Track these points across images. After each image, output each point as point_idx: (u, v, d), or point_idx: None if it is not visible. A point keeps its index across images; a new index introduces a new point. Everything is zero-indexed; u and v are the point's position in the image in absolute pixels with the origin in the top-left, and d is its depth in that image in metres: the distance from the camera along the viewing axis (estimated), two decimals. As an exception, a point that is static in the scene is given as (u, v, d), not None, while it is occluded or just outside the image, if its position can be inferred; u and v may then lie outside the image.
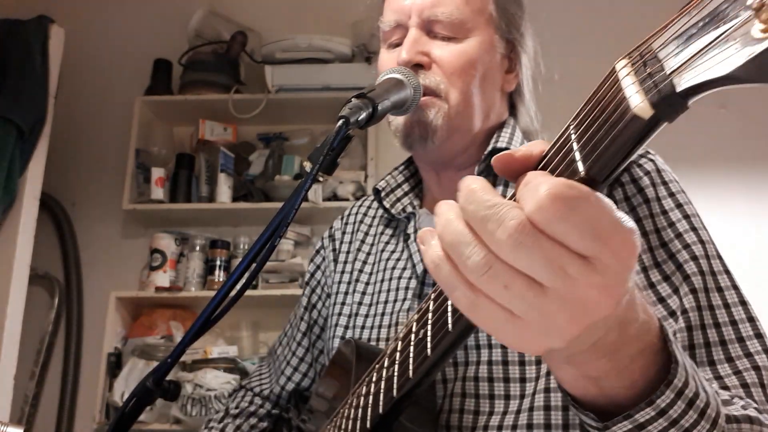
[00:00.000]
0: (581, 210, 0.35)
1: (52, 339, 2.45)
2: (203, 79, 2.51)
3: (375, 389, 0.62)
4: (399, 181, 0.99)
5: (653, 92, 0.35)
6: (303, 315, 1.06)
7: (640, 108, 0.35)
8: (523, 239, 0.35)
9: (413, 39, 0.85)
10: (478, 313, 0.39)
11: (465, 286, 0.38)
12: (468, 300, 0.38)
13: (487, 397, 0.74)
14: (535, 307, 0.36)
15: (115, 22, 2.80)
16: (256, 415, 1.04)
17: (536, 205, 0.35)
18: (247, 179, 2.51)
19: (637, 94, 0.35)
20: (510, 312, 0.37)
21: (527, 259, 0.36)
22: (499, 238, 0.36)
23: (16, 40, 2.21)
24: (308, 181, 0.64)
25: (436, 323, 0.51)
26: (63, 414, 2.37)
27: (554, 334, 0.38)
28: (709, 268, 0.71)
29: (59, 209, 2.57)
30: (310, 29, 2.51)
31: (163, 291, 2.35)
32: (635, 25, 2.86)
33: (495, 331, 0.39)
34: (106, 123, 2.68)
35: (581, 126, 0.39)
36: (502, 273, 0.37)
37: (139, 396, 0.66)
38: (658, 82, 0.35)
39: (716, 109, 2.56)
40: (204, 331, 0.64)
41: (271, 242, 0.62)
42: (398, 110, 0.79)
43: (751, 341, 0.67)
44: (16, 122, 2.09)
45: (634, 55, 0.37)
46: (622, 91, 0.36)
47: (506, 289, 0.37)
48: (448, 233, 0.39)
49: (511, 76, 0.92)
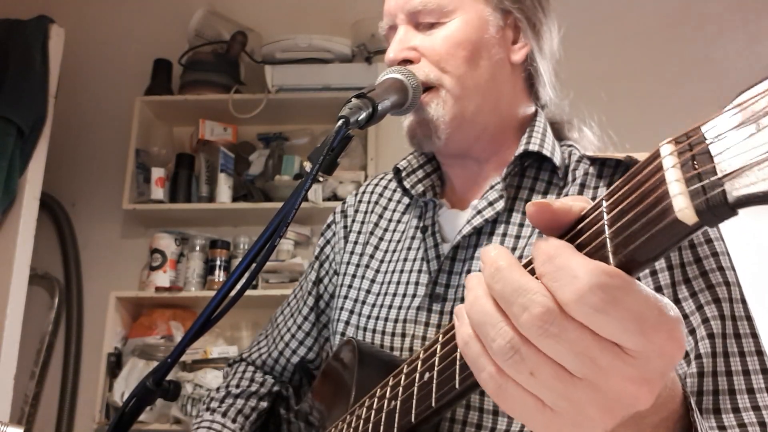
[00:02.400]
0: (624, 302, 0.33)
1: (52, 339, 2.45)
2: (203, 79, 2.52)
3: (375, 419, 0.62)
4: (421, 162, 0.96)
5: (701, 199, 0.30)
6: (311, 289, 1.04)
7: (683, 214, 0.31)
8: (550, 328, 0.33)
9: (398, 37, 0.85)
10: (506, 398, 0.37)
11: (493, 368, 0.37)
12: (495, 384, 0.37)
13: (491, 413, 0.73)
14: (564, 397, 0.34)
15: (115, 22, 2.80)
16: (257, 395, 1.03)
17: (574, 294, 0.33)
18: (247, 179, 2.51)
19: (682, 197, 0.31)
20: (539, 400, 0.35)
21: (554, 347, 0.34)
22: (524, 322, 0.34)
23: (16, 40, 2.21)
24: (308, 181, 0.64)
25: (443, 372, 0.49)
26: (63, 414, 2.37)
27: (587, 427, 0.36)
28: (731, 313, 0.68)
29: (59, 209, 2.57)
30: (310, 29, 2.51)
31: (163, 291, 2.35)
32: (630, 25, 2.85)
33: (522, 418, 0.37)
34: (106, 123, 2.68)
35: (616, 208, 0.36)
36: (528, 358, 0.35)
37: (139, 396, 0.66)
38: (708, 187, 0.30)
39: (716, 109, 2.56)
40: (204, 331, 0.64)
41: (271, 242, 0.62)
42: (398, 110, 0.79)
43: (761, 394, 0.65)
44: (16, 122, 2.09)
45: (682, 142, 0.33)
46: (666, 187, 0.32)
47: (533, 376, 0.35)
48: (475, 312, 0.38)
49: (518, 46, 0.88)
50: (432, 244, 0.87)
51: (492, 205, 0.83)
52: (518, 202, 0.84)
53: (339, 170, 0.67)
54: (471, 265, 0.82)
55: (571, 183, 0.83)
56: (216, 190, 2.43)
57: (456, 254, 0.83)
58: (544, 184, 0.85)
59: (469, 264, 0.82)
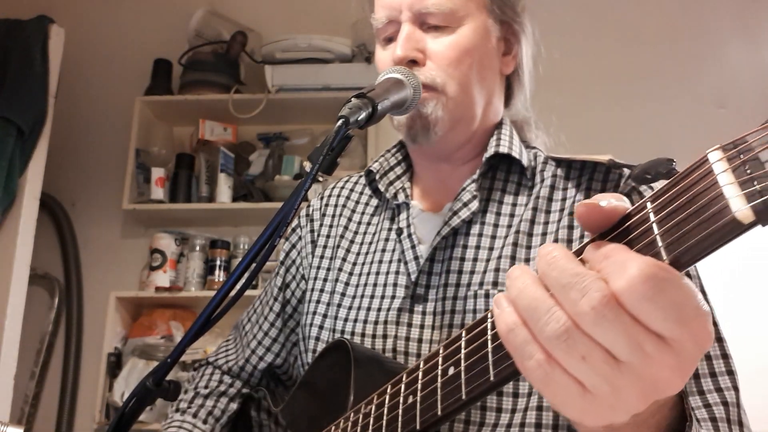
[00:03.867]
0: (670, 293, 0.35)
1: (52, 339, 2.45)
2: (203, 79, 2.52)
3: (390, 415, 0.62)
4: (392, 163, 0.97)
5: (757, 199, 0.33)
6: (277, 295, 1.03)
7: (742, 213, 0.34)
8: (607, 313, 0.35)
9: (406, 35, 0.84)
10: (550, 384, 0.38)
11: (542, 354, 0.38)
12: (543, 371, 0.38)
13: (479, 408, 0.74)
14: (608, 381, 0.37)
15: (115, 22, 2.80)
16: (226, 395, 1.02)
17: (627, 282, 0.35)
18: (247, 179, 2.51)
19: (738, 198, 0.34)
20: (582, 386, 0.37)
21: (608, 332, 0.36)
22: (581, 308, 0.36)
23: (16, 40, 2.21)
24: (308, 181, 0.64)
25: (473, 367, 0.50)
26: (63, 414, 2.37)
27: (621, 409, 0.38)
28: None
29: (59, 209, 2.57)
30: (310, 29, 2.51)
31: (163, 291, 2.35)
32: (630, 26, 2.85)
33: (562, 404, 0.39)
34: (106, 123, 2.68)
35: (664, 210, 0.38)
36: (581, 343, 0.37)
37: (139, 396, 0.66)
38: (763, 188, 0.33)
39: (716, 109, 2.56)
40: (204, 331, 0.64)
41: (271, 242, 0.62)
42: (398, 110, 0.79)
43: (723, 377, 0.69)
44: (16, 122, 2.09)
45: (730, 150, 0.36)
46: (721, 190, 0.35)
47: (583, 360, 0.37)
48: (524, 297, 0.39)
49: (509, 58, 0.91)
50: (409, 246, 0.87)
51: (467, 205, 0.84)
52: (491, 203, 0.86)
53: (339, 170, 0.67)
54: (450, 265, 0.83)
55: (540, 184, 0.85)
56: (216, 190, 2.43)
57: (435, 255, 0.84)
58: (515, 185, 0.87)
59: (448, 264, 0.83)
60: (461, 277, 0.81)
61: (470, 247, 0.83)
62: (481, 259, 0.82)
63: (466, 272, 0.81)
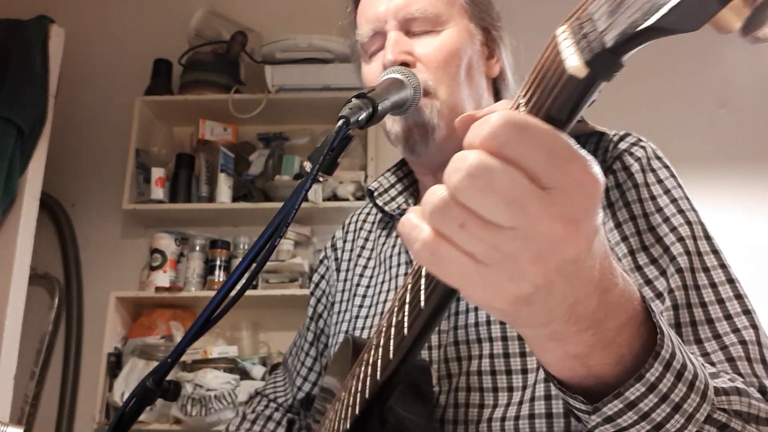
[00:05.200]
0: (535, 132, 0.35)
1: (52, 339, 2.45)
2: (203, 79, 2.51)
3: (363, 376, 0.63)
4: (392, 181, 1.00)
5: (586, 51, 0.36)
6: (309, 325, 1.08)
7: (575, 68, 0.36)
8: (474, 171, 0.35)
9: (395, 40, 0.85)
10: (440, 262, 0.38)
11: (425, 233, 0.38)
12: (428, 251, 0.38)
13: (491, 390, 0.75)
14: (495, 245, 0.36)
15: (115, 22, 2.80)
16: (272, 420, 1.06)
17: (490, 130, 0.35)
18: (247, 179, 2.51)
19: (573, 56, 0.36)
20: (473, 257, 0.36)
21: (481, 191, 0.35)
22: (456, 177, 0.36)
23: (16, 40, 2.21)
24: (308, 181, 0.64)
25: (411, 303, 0.51)
26: (63, 414, 2.37)
27: (520, 277, 0.36)
28: (696, 249, 0.70)
29: (59, 209, 2.57)
30: (310, 29, 2.51)
31: (163, 291, 2.35)
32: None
33: (462, 284, 0.38)
34: (106, 123, 2.68)
35: (528, 92, 0.41)
36: (455, 209, 0.36)
37: (139, 396, 0.66)
38: (591, 41, 0.36)
39: (716, 109, 2.56)
40: (204, 331, 0.64)
41: (271, 242, 0.62)
42: (398, 110, 0.79)
43: (739, 318, 0.65)
44: (16, 122, 2.09)
45: (572, 19, 0.38)
46: (560, 53, 0.37)
47: (462, 228, 0.36)
48: (427, 196, 0.39)
49: (493, 61, 0.93)
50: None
51: None
52: None
53: (339, 170, 0.67)
54: None
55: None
56: (216, 190, 2.43)
57: None
58: None
59: None
60: None
61: None
62: None
63: None
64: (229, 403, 2.17)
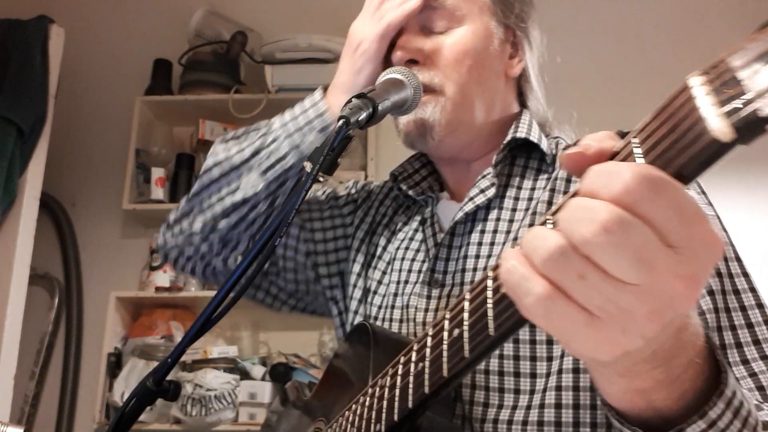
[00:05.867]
0: (671, 192, 0.34)
1: (52, 339, 2.45)
2: (203, 79, 2.52)
3: (402, 383, 0.62)
4: (416, 167, 0.99)
5: (734, 116, 0.33)
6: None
7: (720, 132, 0.33)
8: (610, 231, 0.34)
9: (405, 36, 0.86)
10: (554, 318, 0.36)
11: (539, 287, 0.36)
12: (543, 306, 0.36)
13: (497, 390, 0.74)
14: (614, 299, 0.35)
15: (115, 22, 2.80)
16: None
17: (624, 185, 0.34)
18: (247, 179, 2.51)
19: (717, 118, 0.33)
20: (587, 312, 0.35)
21: (611, 250, 0.34)
22: (583, 235, 0.34)
23: (16, 40, 2.21)
24: (308, 182, 0.64)
25: (474, 325, 0.49)
26: (63, 414, 2.37)
27: (634, 332, 0.35)
28: (727, 271, 0.70)
29: (59, 209, 2.57)
30: (310, 29, 2.51)
31: (163, 291, 2.35)
32: (627, 23, 2.85)
33: (571, 337, 0.37)
34: (106, 123, 2.68)
35: (648, 140, 0.38)
36: (576, 260, 0.35)
37: (139, 396, 0.66)
38: (740, 105, 0.33)
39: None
40: (204, 331, 0.64)
41: (272, 242, 0.62)
42: (399, 110, 0.79)
43: (766, 344, 0.66)
44: (16, 122, 2.09)
45: (710, 73, 0.35)
46: (699, 112, 0.34)
47: (582, 279, 0.35)
48: (527, 239, 0.37)
49: (515, 61, 0.91)
50: (430, 234, 0.89)
51: (484, 192, 0.84)
52: (510, 189, 0.86)
53: (339, 170, 0.67)
54: (467, 250, 0.83)
55: (560, 169, 0.84)
56: (216, 190, 2.42)
57: (452, 241, 0.85)
58: (534, 171, 0.87)
59: (465, 250, 0.83)
60: (478, 261, 0.82)
61: (487, 232, 0.83)
62: (497, 243, 0.82)
63: (482, 256, 0.82)
64: (229, 403, 2.17)
